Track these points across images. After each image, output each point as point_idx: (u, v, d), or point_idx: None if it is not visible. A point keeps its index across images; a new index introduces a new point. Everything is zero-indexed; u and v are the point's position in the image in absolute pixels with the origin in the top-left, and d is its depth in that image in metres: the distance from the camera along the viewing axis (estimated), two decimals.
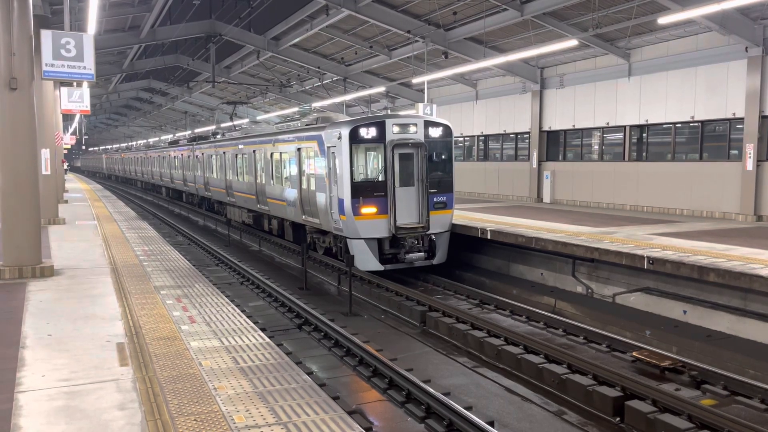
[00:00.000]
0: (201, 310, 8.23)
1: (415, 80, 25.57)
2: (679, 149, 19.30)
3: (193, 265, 12.25)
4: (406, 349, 10.56)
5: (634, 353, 9.33)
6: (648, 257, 11.33)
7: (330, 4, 22.01)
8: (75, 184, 45.11)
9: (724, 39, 17.13)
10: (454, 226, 15.88)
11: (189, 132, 53.97)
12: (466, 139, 29.34)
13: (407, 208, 14.86)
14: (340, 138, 14.62)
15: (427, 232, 14.96)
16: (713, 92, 17.78)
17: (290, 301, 12.94)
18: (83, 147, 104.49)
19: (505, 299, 13.00)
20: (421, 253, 14.91)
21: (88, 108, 20.68)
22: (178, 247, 19.98)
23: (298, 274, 16.26)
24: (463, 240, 16.35)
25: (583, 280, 13.68)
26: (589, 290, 13.48)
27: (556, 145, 24.07)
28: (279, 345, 9.98)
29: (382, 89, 29.48)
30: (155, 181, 45.69)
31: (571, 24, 19.82)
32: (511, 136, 26.40)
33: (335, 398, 7.67)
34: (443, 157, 15.50)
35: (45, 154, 15.92)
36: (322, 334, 11.03)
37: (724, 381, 8.21)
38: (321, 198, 15.81)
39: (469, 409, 7.57)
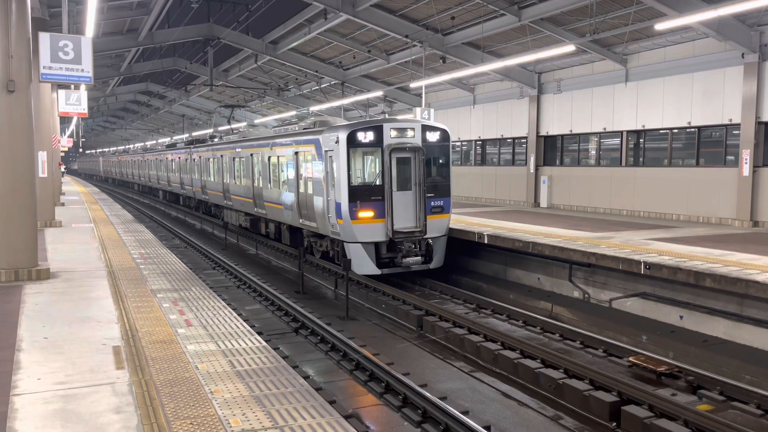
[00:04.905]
0: (197, 313, 8.22)
1: (413, 84, 25.64)
2: (676, 155, 19.35)
3: (190, 269, 12.24)
4: (402, 354, 10.55)
5: (630, 358, 9.33)
6: (644, 262, 11.35)
7: (328, 8, 22.04)
8: (72, 186, 45.03)
9: (721, 45, 17.21)
10: (451, 230, 15.90)
11: (186, 135, 53.96)
12: (463, 143, 29.39)
13: (404, 212, 14.87)
14: (337, 142, 14.63)
15: (425, 236, 14.97)
16: (710, 98, 17.84)
17: (287, 305, 12.92)
18: (80, 150, 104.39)
19: (501, 304, 13.01)
20: (418, 257, 14.92)
21: (86, 111, 20.66)
22: (175, 250, 19.95)
23: (295, 278, 16.25)
24: (460, 244, 16.36)
25: (579, 284, 13.70)
26: (586, 295, 13.50)
27: (553, 150, 24.13)
28: (275, 349, 9.97)
29: (380, 93, 29.53)
30: (152, 184, 45.64)
31: (568, 29, 19.89)
32: (509, 140, 26.45)
33: (332, 402, 7.67)
34: (441, 161, 15.52)
35: (42, 156, 15.90)
36: (319, 338, 11.02)
37: (720, 386, 8.22)
38: (318, 202, 15.81)
39: (465, 413, 7.57)
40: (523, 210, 22.81)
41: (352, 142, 14.50)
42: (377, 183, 14.72)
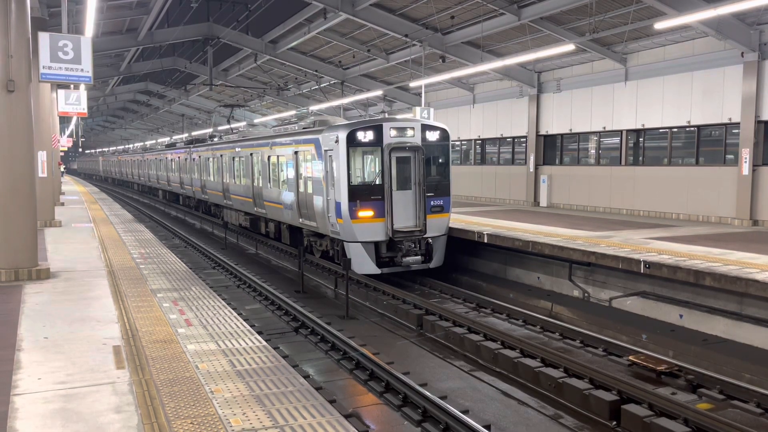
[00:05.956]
0: (198, 313, 8.22)
1: (413, 84, 25.62)
2: (676, 154, 19.35)
3: (190, 268, 12.24)
4: (402, 353, 10.56)
5: (630, 357, 9.34)
6: (644, 261, 11.36)
7: (328, 7, 22.04)
8: (71, 186, 45.03)
9: (720, 44, 17.21)
10: (451, 229, 15.90)
11: (186, 135, 53.94)
12: (463, 142, 29.39)
13: (404, 211, 14.87)
14: (337, 141, 14.63)
15: (424, 236, 14.97)
16: (709, 97, 17.85)
17: (287, 305, 12.92)
18: (80, 149, 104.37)
19: (501, 303, 13.01)
20: (418, 257, 14.92)
21: (85, 110, 20.62)
22: (175, 249, 19.95)
23: (295, 278, 16.25)
24: (460, 243, 16.37)
25: (579, 284, 13.71)
26: (586, 294, 13.50)
27: (552, 149, 24.13)
28: (276, 348, 9.97)
29: (379, 93, 29.52)
30: (152, 183, 45.65)
31: (568, 28, 19.88)
32: (508, 140, 26.45)
33: (332, 401, 7.67)
34: (440, 160, 15.53)
35: (42, 156, 15.90)
36: (319, 337, 11.02)
37: (720, 385, 8.23)
38: (318, 201, 15.81)
39: (465, 412, 7.57)
40: (522, 209, 22.81)
41: (351, 142, 14.50)
42: (377, 182, 14.72)
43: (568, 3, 17.86)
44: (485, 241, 15.33)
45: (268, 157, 19.79)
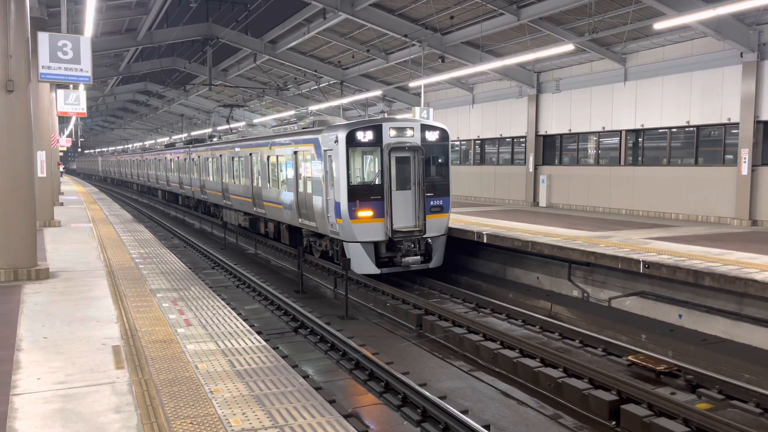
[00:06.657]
0: (197, 313, 8.22)
1: (412, 84, 25.63)
2: (675, 154, 19.36)
3: (189, 268, 12.23)
4: (402, 353, 10.56)
5: (629, 357, 9.34)
6: (643, 261, 11.36)
7: (327, 7, 22.05)
8: (71, 186, 44.99)
9: (720, 44, 17.22)
10: (450, 229, 15.91)
11: (185, 135, 53.92)
12: (462, 142, 29.39)
13: (404, 211, 14.87)
14: (336, 141, 14.63)
15: (424, 236, 14.97)
16: (708, 97, 17.86)
17: (286, 305, 12.92)
18: (79, 149, 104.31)
19: (501, 303, 13.02)
20: (418, 257, 14.92)
21: (85, 110, 20.63)
22: (174, 249, 19.94)
23: (294, 278, 16.25)
24: (460, 243, 16.37)
25: (579, 284, 13.71)
26: (585, 294, 13.51)
27: (552, 149, 24.14)
28: (275, 348, 9.96)
29: (379, 93, 29.52)
30: (151, 183, 45.62)
31: (567, 29, 19.89)
32: (508, 140, 26.46)
33: (331, 402, 7.67)
34: (440, 160, 15.53)
35: (41, 156, 15.89)
36: (318, 337, 11.02)
37: (719, 385, 8.23)
38: (317, 201, 15.81)
39: (465, 412, 7.57)
40: (522, 209, 22.82)
41: (351, 142, 14.50)
42: (376, 182, 14.72)
43: (568, 3, 17.87)
44: (485, 241, 15.34)
45: (268, 157, 19.79)
